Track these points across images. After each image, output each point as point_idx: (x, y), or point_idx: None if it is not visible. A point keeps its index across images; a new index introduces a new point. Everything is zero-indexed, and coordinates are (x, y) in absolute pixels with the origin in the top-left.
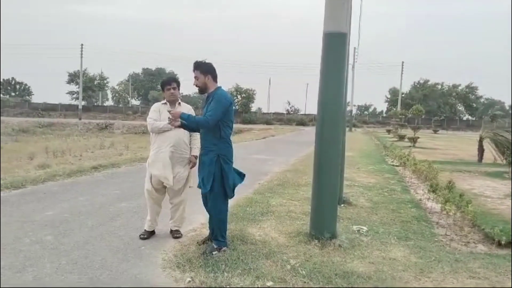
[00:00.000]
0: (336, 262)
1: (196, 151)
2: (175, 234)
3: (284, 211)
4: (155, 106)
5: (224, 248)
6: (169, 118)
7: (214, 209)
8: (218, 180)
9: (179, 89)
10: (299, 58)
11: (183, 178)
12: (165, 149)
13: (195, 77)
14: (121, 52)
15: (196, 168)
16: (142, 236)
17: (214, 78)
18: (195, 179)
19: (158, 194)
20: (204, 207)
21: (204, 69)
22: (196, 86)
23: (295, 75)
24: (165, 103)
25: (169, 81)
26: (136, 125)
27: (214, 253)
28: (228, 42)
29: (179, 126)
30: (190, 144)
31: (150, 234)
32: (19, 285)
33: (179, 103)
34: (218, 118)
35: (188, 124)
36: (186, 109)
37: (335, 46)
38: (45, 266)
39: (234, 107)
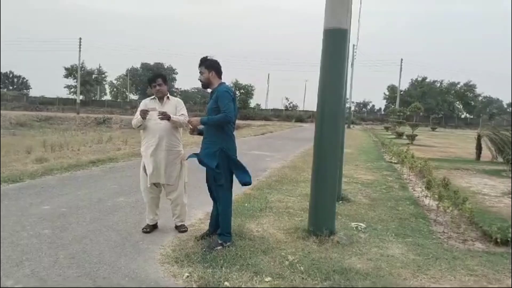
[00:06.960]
0: (334, 258)
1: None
2: (181, 228)
3: (282, 207)
4: (143, 103)
5: (228, 244)
6: (158, 115)
7: (223, 202)
8: (225, 172)
9: (166, 84)
10: (298, 54)
11: (176, 171)
12: (153, 143)
13: (200, 72)
14: (119, 47)
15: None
16: (144, 229)
17: (218, 74)
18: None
19: (154, 190)
20: (208, 199)
21: (208, 65)
22: (200, 81)
23: (294, 71)
24: (154, 98)
25: (155, 78)
26: None
27: (218, 248)
28: (226, 36)
29: (198, 133)
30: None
31: (152, 228)
32: (18, 279)
33: (168, 97)
34: (233, 111)
35: (211, 125)
36: (174, 102)
37: (336, 43)
38: (43, 260)
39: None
